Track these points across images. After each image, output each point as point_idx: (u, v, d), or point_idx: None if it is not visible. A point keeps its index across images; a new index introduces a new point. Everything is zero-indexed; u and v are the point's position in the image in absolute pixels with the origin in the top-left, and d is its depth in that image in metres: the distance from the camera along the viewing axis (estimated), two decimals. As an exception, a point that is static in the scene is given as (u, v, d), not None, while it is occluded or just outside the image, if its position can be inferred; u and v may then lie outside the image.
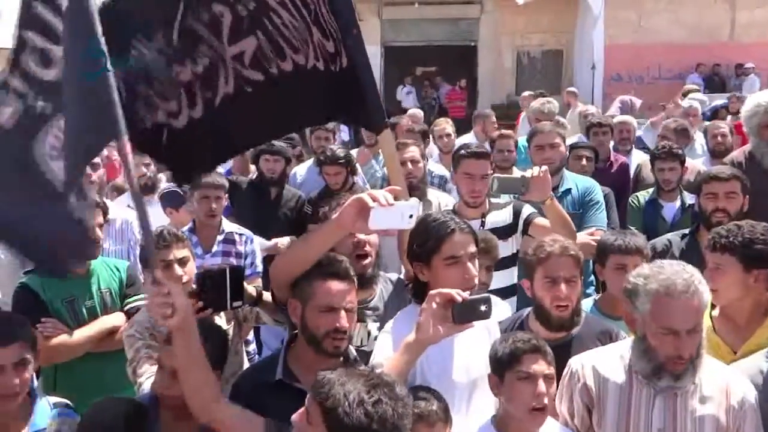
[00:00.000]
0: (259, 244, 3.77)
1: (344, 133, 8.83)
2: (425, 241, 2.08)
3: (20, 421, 2.03)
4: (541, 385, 1.88)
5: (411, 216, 1.85)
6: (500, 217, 3.16)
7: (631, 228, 3.55)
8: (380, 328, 2.27)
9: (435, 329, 1.79)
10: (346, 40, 1.97)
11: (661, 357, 1.86)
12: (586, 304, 2.72)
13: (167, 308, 1.73)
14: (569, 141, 4.65)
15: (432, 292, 1.82)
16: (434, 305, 1.80)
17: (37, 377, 2.79)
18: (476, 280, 2.11)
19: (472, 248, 2.11)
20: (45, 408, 2.10)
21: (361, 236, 2.31)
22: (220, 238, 3.55)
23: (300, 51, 2.02)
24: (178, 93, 2.14)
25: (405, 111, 12.97)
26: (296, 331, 2.08)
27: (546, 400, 1.89)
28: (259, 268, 3.58)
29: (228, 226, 3.61)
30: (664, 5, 13.43)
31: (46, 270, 2.51)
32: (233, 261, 3.51)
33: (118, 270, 2.91)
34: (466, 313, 1.80)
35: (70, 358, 2.68)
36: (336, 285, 1.97)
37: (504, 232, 3.11)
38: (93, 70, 1.78)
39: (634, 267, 2.13)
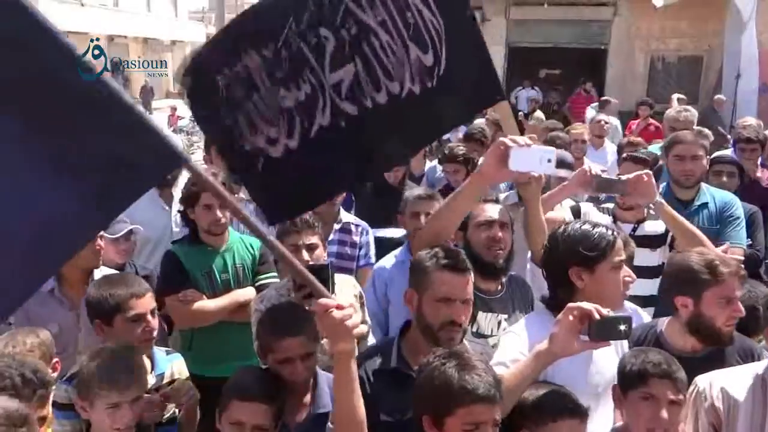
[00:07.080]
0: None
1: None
2: (594, 247, 2.00)
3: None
4: (664, 412, 1.81)
5: (549, 160, 1.91)
6: (655, 227, 3.17)
7: None
8: (508, 320, 2.28)
9: (569, 343, 1.74)
10: (450, 33, 1.84)
11: None
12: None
13: (353, 328, 1.60)
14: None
15: (571, 305, 1.77)
16: (571, 318, 1.75)
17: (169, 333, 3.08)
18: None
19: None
20: (162, 355, 2.41)
21: (498, 233, 2.41)
22: (337, 227, 3.60)
23: (395, 78, 1.92)
24: (279, 119, 2.05)
25: (518, 113, 12.76)
26: (409, 319, 2.10)
27: (667, 427, 1.81)
28: (372, 259, 3.63)
29: (345, 216, 3.68)
30: (829, 9, 12.16)
31: None
32: (348, 250, 3.58)
33: (252, 247, 3.09)
34: (603, 331, 1.73)
35: (204, 324, 2.89)
36: (453, 276, 1.97)
37: (655, 241, 3.11)
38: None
39: None
